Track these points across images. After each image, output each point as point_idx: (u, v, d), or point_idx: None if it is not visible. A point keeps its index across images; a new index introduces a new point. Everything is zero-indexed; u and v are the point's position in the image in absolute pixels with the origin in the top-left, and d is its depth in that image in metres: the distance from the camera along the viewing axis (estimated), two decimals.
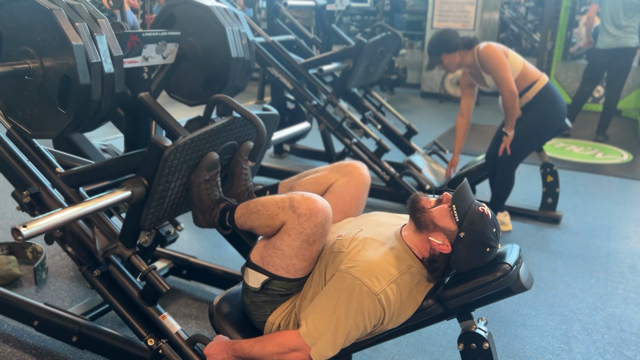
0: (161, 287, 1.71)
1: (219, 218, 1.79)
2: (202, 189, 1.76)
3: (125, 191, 1.64)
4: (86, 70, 1.48)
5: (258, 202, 1.68)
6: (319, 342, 1.47)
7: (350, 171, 1.90)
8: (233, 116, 1.79)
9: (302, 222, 1.53)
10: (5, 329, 2.23)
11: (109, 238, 1.79)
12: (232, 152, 1.88)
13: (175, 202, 1.80)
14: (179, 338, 1.73)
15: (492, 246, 1.52)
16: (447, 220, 1.54)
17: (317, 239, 1.57)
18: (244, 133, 1.89)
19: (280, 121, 4.87)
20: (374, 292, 1.46)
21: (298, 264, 1.60)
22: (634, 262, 3.04)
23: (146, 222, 1.71)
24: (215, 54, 2.03)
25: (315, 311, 1.51)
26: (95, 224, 1.80)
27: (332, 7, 4.24)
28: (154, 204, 1.69)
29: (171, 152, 1.60)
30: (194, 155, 1.70)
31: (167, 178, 1.66)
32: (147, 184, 1.66)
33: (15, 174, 1.85)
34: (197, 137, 1.67)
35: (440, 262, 1.56)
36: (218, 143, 1.78)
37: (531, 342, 2.29)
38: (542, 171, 3.52)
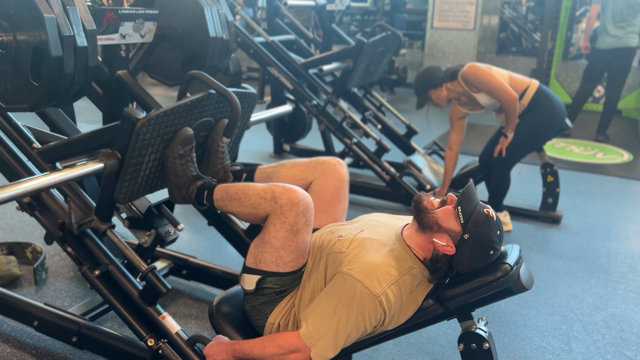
0: (161, 287, 1.71)
1: (196, 194, 1.81)
2: (178, 164, 1.77)
3: (98, 163, 1.64)
4: (58, 43, 1.49)
5: (239, 189, 1.71)
6: (319, 343, 1.47)
7: (327, 168, 1.91)
8: (207, 92, 1.79)
9: (284, 212, 1.58)
10: (5, 329, 2.23)
11: (84, 212, 1.80)
12: (209, 130, 1.89)
13: (151, 177, 1.80)
14: (178, 338, 1.73)
15: (495, 249, 1.53)
16: (451, 222, 1.54)
17: (301, 229, 1.60)
18: (220, 110, 1.89)
19: (280, 121, 4.89)
20: (375, 294, 1.46)
21: (286, 255, 1.62)
22: (634, 262, 3.04)
23: (120, 195, 1.72)
24: (193, 34, 2.04)
25: (315, 312, 1.51)
26: (70, 197, 1.81)
27: (332, 7, 4.24)
28: (128, 177, 1.70)
29: (143, 125, 1.60)
30: (167, 129, 1.71)
31: (141, 151, 1.66)
32: (121, 157, 1.66)
33: (15, 174, 1.85)
34: (169, 111, 1.67)
35: (442, 263, 1.56)
36: (193, 119, 1.78)
37: (531, 342, 2.29)
38: (543, 171, 3.52)
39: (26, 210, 1.86)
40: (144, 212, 2.05)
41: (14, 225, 3.18)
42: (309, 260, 1.67)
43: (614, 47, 5.35)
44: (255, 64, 3.96)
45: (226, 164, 1.94)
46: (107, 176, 1.70)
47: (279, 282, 1.66)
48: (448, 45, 7.79)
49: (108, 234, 1.80)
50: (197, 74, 1.77)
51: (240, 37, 3.70)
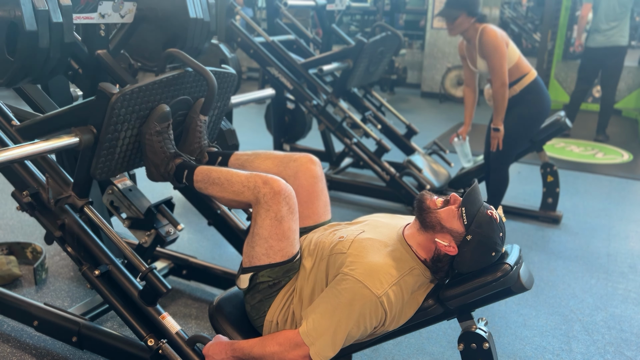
0: (161, 287, 1.71)
1: (175, 172, 1.84)
2: (155, 141, 1.79)
3: (73, 137, 1.65)
4: (32, 18, 1.50)
5: (221, 175, 1.75)
6: (317, 342, 1.47)
7: (299, 167, 1.90)
8: (184, 69, 1.79)
9: (267, 201, 1.63)
10: (5, 329, 2.23)
11: (62, 187, 1.80)
12: (187, 109, 1.90)
13: (128, 154, 1.80)
14: (178, 338, 1.72)
15: (497, 250, 1.53)
16: (454, 222, 1.54)
17: (285, 216, 1.64)
18: (198, 89, 1.89)
19: (280, 121, 4.89)
20: (376, 294, 1.46)
21: (275, 244, 1.65)
22: (634, 262, 3.04)
23: (97, 171, 1.72)
24: (173, 15, 2.04)
25: (316, 311, 1.51)
26: (48, 172, 1.81)
27: (332, 7, 4.23)
28: (104, 152, 1.70)
29: (118, 100, 1.61)
30: (143, 106, 1.71)
31: (116, 127, 1.66)
32: (96, 132, 1.67)
33: (15, 175, 1.85)
34: (145, 87, 1.67)
35: (444, 263, 1.56)
36: (170, 96, 1.78)
37: (531, 342, 2.29)
38: (543, 171, 3.52)
39: (26, 210, 1.86)
40: (144, 212, 2.05)
41: (14, 225, 3.18)
42: (309, 261, 1.67)
43: (604, 45, 5.40)
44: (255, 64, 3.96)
45: (203, 144, 1.96)
46: (84, 151, 1.71)
47: (271, 274, 1.67)
48: (448, 45, 7.79)
49: (85, 210, 1.80)
50: (174, 52, 1.78)
51: (240, 37, 3.70)
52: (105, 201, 2.15)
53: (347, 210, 3.68)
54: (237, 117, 4.90)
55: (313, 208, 1.89)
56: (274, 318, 1.67)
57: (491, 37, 3.08)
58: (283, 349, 1.52)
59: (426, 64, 8.06)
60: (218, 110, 2.10)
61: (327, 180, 3.85)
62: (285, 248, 1.65)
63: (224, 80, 2.00)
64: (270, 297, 1.69)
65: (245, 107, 7.01)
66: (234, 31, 3.70)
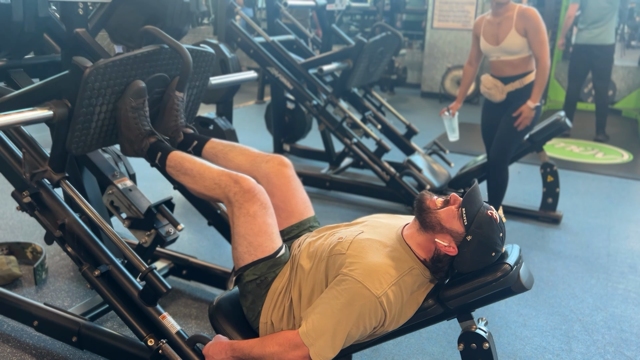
0: (161, 287, 1.70)
1: (148, 150, 1.88)
2: (130, 117, 1.81)
3: (47, 110, 1.65)
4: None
5: (194, 167, 1.81)
6: (317, 342, 1.47)
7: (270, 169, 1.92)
8: (160, 45, 1.79)
9: (239, 200, 1.70)
10: (5, 329, 2.23)
11: (38, 162, 1.81)
12: (164, 86, 1.90)
13: (104, 130, 1.81)
14: (178, 338, 1.72)
15: (497, 251, 1.53)
16: (454, 223, 1.54)
17: (257, 212, 1.69)
18: (175, 67, 1.89)
19: (280, 121, 4.89)
20: (376, 295, 1.46)
21: (253, 240, 1.69)
22: (634, 262, 3.04)
23: (72, 145, 1.73)
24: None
25: (316, 312, 1.51)
26: (24, 147, 1.82)
27: (332, 7, 4.24)
28: (79, 126, 1.70)
29: (91, 73, 1.61)
30: (118, 81, 1.71)
31: (90, 101, 1.67)
32: (70, 106, 1.67)
33: (15, 175, 1.85)
34: (119, 61, 1.68)
35: (444, 263, 1.56)
36: (145, 72, 1.79)
37: (531, 342, 2.29)
38: (542, 171, 3.52)
39: (26, 210, 1.86)
40: (144, 212, 2.05)
41: (14, 225, 3.18)
42: (308, 263, 1.67)
43: (591, 43, 5.49)
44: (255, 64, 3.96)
45: (180, 122, 1.98)
46: (59, 125, 1.71)
47: (255, 271, 1.69)
48: (448, 45, 7.79)
49: (62, 185, 1.81)
50: (150, 29, 1.79)
51: (240, 37, 3.70)
52: (105, 201, 2.16)
53: (347, 210, 3.69)
54: (237, 117, 4.90)
55: (292, 206, 1.91)
56: (268, 319, 1.68)
57: (538, 16, 3.09)
58: (283, 349, 1.52)
59: (426, 64, 8.06)
60: (197, 90, 2.10)
61: (327, 180, 3.88)
62: (264, 243, 1.69)
63: (201, 59, 2.00)
64: (261, 297, 1.70)
65: (245, 107, 7.02)
66: (234, 31, 3.70)
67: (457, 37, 7.70)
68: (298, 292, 1.65)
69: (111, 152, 2.65)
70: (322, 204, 3.78)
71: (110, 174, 2.20)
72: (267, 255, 1.69)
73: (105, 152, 2.61)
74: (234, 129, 3.82)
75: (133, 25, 2.15)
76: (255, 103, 7.30)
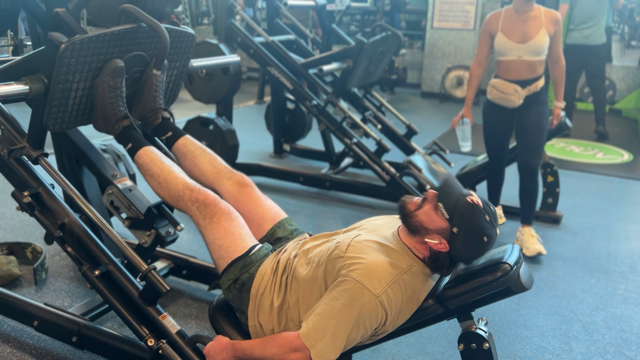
0: (161, 287, 1.70)
1: (119, 135, 1.92)
2: (107, 96, 1.83)
3: (23, 85, 1.65)
4: None
5: (161, 174, 1.85)
6: (318, 344, 1.47)
7: (232, 184, 1.98)
8: (138, 24, 1.79)
9: (201, 210, 1.77)
10: (5, 329, 2.23)
11: (16, 138, 1.81)
12: (143, 66, 1.91)
13: (82, 107, 1.81)
14: (179, 338, 1.72)
15: (488, 234, 1.50)
16: (436, 220, 1.53)
17: (221, 217, 1.75)
18: (154, 46, 1.89)
19: (280, 121, 4.88)
20: (375, 294, 1.45)
21: (223, 243, 1.73)
22: (634, 262, 3.04)
23: (49, 121, 1.73)
24: None
25: (315, 314, 1.51)
26: (2, 122, 1.82)
27: (332, 7, 4.24)
28: (56, 102, 1.70)
29: (67, 49, 1.61)
30: (95, 58, 1.71)
31: (67, 77, 1.67)
32: (47, 82, 1.67)
33: (15, 175, 1.85)
34: (95, 37, 1.68)
35: (443, 259, 1.55)
36: (123, 51, 1.79)
37: (531, 342, 2.29)
38: (543, 171, 3.52)
39: (26, 210, 1.86)
40: (144, 212, 2.05)
41: (14, 225, 3.18)
42: (305, 268, 1.66)
43: (582, 43, 5.56)
44: (255, 64, 3.96)
45: (158, 104, 2.00)
46: (36, 101, 1.71)
47: (229, 276, 1.73)
48: (448, 45, 7.79)
49: (40, 162, 1.81)
50: (128, 7, 1.79)
51: (240, 37, 3.70)
52: (105, 201, 2.15)
53: (347, 210, 3.68)
54: (237, 117, 4.90)
55: (259, 213, 1.94)
56: (256, 322, 1.69)
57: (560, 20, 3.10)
58: (283, 351, 1.51)
59: (426, 64, 8.06)
60: (177, 71, 2.09)
61: (327, 180, 3.88)
62: (234, 243, 1.73)
63: (181, 39, 2.00)
64: (243, 301, 1.71)
65: (245, 107, 7.02)
66: (234, 31, 3.70)
67: (457, 37, 7.70)
68: (295, 296, 1.65)
69: (111, 152, 2.65)
70: (322, 204, 3.78)
71: (110, 174, 2.20)
72: (239, 255, 1.72)
73: (105, 152, 2.61)
74: (234, 129, 3.83)
75: (114, 7, 2.15)
76: (255, 103, 7.30)
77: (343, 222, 3.48)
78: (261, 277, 1.71)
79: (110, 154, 2.62)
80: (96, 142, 2.46)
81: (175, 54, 2.02)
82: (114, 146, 2.69)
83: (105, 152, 2.61)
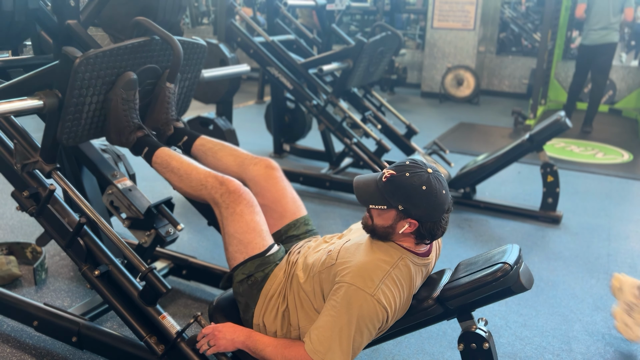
0: (161, 287, 1.70)
1: (135, 144, 1.92)
2: (120, 109, 1.83)
3: (37, 100, 1.65)
4: None
5: (182, 166, 1.85)
6: (327, 356, 1.45)
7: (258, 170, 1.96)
8: (150, 37, 1.79)
9: (225, 201, 1.76)
10: (5, 329, 2.23)
11: (29, 153, 1.81)
12: (155, 78, 1.91)
13: (95, 121, 1.81)
14: (179, 338, 1.72)
15: (421, 181, 1.46)
16: (386, 216, 1.53)
17: (244, 210, 1.74)
18: (166, 59, 1.89)
19: (280, 121, 4.87)
20: (370, 293, 1.45)
21: (243, 238, 1.72)
22: (634, 262, 3.04)
23: (63, 135, 1.73)
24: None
25: (318, 326, 1.50)
26: (15, 137, 1.82)
27: (332, 7, 4.24)
28: (69, 117, 1.70)
29: (81, 63, 1.61)
30: (109, 71, 1.71)
31: (81, 91, 1.67)
32: (61, 96, 1.67)
33: (15, 175, 1.85)
34: (109, 52, 1.68)
35: (423, 230, 1.52)
36: (136, 64, 1.79)
37: (531, 342, 2.29)
38: (543, 171, 3.52)
39: (26, 210, 1.86)
40: (144, 212, 2.05)
41: (14, 225, 3.18)
42: (302, 275, 1.66)
43: (599, 43, 5.74)
44: (255, 64, 3.97)
45: (170, 116, 2.00)
46: (50, 116, 1.71)
47: (244, 270, 1.72)
48: (448, 45, 7.79)
49: (53, 176, 1.81)
50: (141, 20, 1.79)
51: (240, 37, 3.70)
52: (105, 201, 2.15)
53: (347, 210, 3.68)
54: (237, 117, 4.90)
55: (282, 206, 1.93)
56: (260, 321, 1.69)
57: None
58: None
59: (426, 64, 8.06)
60: (188, 82, 2.10)
61: (327, 180, 3.87)
62: (254, 240, 1.72)
63: (193, 51, 2.00)
64: (253, 298, 1.70)
65: (246, 107, 7.02)
66: (233, 31, 3.70)
67: (457, 37, 7.69)
68: (293, 301, 1.65)
69: (111, 152, 2.65)
70: (322, 204, 3.78)
71: (110, 174, 2.20)
72: (258, 253, 1.72)
73: (105, 152, 2.61)
74: (234, 129, 3.82)
75: (125, 17, 2.15)
76: (255, 103, 7.30)
77: (343, 222, 3.48)
78: (274, 279, 1.71)
79: (110, 154, 2.62)
80: (96, 142, 2.45)
81: (187, 66, 2.02)
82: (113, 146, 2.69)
83: (105, 152, 2.60)
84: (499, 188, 4.13)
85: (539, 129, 3.46)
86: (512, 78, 8.23)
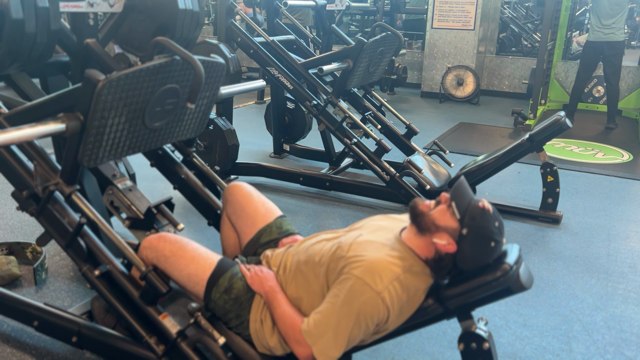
0: (161, 287, 1.71)
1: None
2: None
3: (60, 124, 1.64)
4: (19, 5, 1.53)
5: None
6: (319, 342, 1.47)
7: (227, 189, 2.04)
8: (172, 57, 1.79)
9: (154, 254, 1.81)
10: (5, 329, 2.23)
11: (49, 174, 1.81)
12: (176, 98, 1.90)
13: (116, 142, 1.80)
14: (179, 338, 1.72)
15: (496, 240, 1.51)
16: (448, 219, 1.54)
17: (171, 248, 1.78)
18: (186, 78, 1.88)
19: (280, 121, 4.87)
20: (377, 291, 1.46)
21: (190, 270, 1.75)
22: (634, 262, 3.04)
23: (84, 157, 1.72)
24: (163, 6, 2.05)
25: (317, 311, 1.51)
26: (36, 159, 1.82)
27: (332, 7, 4.24)
28: (91, 139, 1.70)
29: (104, 86, 1.60)
30: (130, 93, 1.71)
31: (103, 114, 1.66)
32: (83, 119, 1.66)
33: (15, 174, 1.85)
34: (131, 74, 1.67)
35: (446, 262, 1.55)
36: (157, 84, 1.78)
37: (531, 342, 2.29)
38: (543, 171, 3.52)
39: (26, 210, 1.86)
40: (144, 212, 2.05)
41: (14, 225, 3.18)
42: (305, 266, 1.66)
43: (604, 40, 5.88)
44: (255, 64, 3.97)
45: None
46: (71, 138, 1.70)
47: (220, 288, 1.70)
48: (448, 45, 7.79)
49: (73, 198, 1.81)
50: (162, 40, 1.78)
51: (240, 37, 3.70)
52: (105, 201, 2.15)
53: (347, 210, 3.68)
54: (237, 117, 4.90)
55: (252, 210, 1.96)
56: (258, 317, 1.68)
57: None
58: (289, 337, 1.55)
59: (426, 64, 8.05)
60: (207, 100, 2.09)
61: (327, 180, 3.87)
62: (200, 264, 1.73)
63: (212, 69, 1.99)
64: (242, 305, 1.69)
65: (246, 107, 7.02)
66: (234, 31, 3.70)
67: (457, 37, 7.69)
68: (296, 294, 1.65)
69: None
70: (322, 204, 3.78)
71: (110, 174, 2.20)
72: (215, 269, 1.71)
73: None
74: (234, 129, 3.83)
75: (142, 34, 2.15)
76: (255, 103, 7.30)
77: (343, 222, 3.48)
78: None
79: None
80: None
81: (207, 84, 2.01)
82: None
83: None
84: (499, 188, 4.13)
85: (539, 129, 3.46)
86: (512, 78, 8.23)
